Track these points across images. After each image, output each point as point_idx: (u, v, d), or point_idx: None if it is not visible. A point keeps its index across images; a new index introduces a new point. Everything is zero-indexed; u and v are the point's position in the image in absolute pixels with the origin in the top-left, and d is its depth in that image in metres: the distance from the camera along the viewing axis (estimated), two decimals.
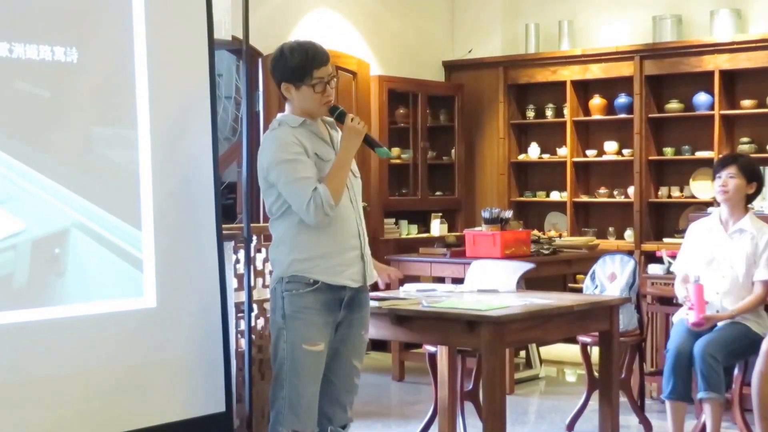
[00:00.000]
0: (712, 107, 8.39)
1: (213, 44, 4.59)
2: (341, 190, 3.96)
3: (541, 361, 7.75)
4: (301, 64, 3.95)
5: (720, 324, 5.13)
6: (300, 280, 3.96)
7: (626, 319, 5.65)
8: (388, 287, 4.55)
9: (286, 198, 3.95)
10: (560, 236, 8.43)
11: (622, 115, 8.87)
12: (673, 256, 5.77)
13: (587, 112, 9.16)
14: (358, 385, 4.18)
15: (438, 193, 9.43)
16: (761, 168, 5.57)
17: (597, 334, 5.22)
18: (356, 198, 4.12)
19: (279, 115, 4.09)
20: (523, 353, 7.70)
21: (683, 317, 5.20)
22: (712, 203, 6.49)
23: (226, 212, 4.65)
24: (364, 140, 4.03)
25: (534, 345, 7.59)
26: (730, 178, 5.22)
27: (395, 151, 8.92)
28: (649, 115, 8.68)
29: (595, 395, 5.39)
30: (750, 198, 5.34)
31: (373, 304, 4.40)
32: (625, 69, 8.75)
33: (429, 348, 5.51)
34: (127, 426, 4.27)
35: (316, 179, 3.92)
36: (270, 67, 4.07)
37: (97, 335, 4.18)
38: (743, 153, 5.92)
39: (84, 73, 4.15)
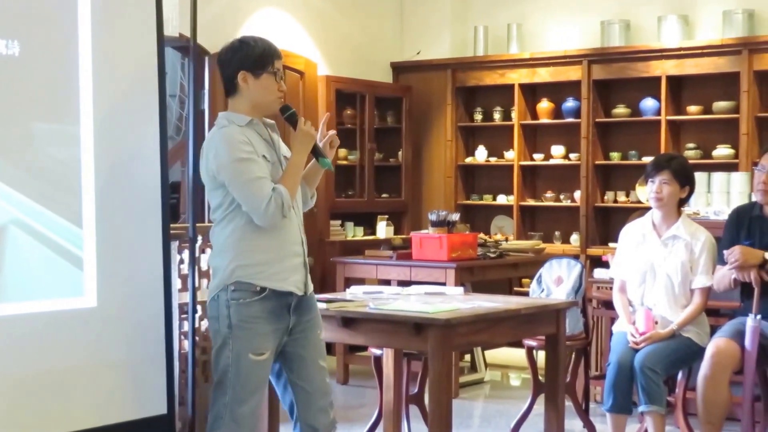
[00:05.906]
0: (658, 112, 8.45)
1: (163, 41, 4.49)
2: (295, 193, 3.95)
3: (486, 365, 7.75)
4: (264, 52, 3.94)
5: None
6: (246, 288, 3.89)
7: (572, 323, 5.65)
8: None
9: (240, 198, 3.86)
10: (507, 240, 8.41)
11: (570, 119, 8.91)
12: None
13: (535, 116, 9.18)
14: (330, 384, 4.16)
15: (384, 195, 9.40)
16: (708, 173, 5.56)
17: (543, 337, 5.21)
18: (298, 205, 4.07)
19: (223, 112, 4.01)
20: (468, 357, 7.68)
21: (622, 330, 5.18)
22: None
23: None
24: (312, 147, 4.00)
25: (479, 348, 7.59)
26: (663, 184, 5.15)
27: (342, 152, 8.88)
28: (597, 120, 8.72)
29: (540, 399, 5.37)
30: (682, 201, 5.28)
31: (320, 306, 4.35)
32: (573, 73, 8.78)
33: (374, 351, 5.47)
34: (65, 428, 4.16)
35: (270, 180, 3.88)
36: (225, 57, 3.98)
37: (34, 335, 4.06)
38: (676, 154, 5.87)
39: (26, 67, 4.03)
